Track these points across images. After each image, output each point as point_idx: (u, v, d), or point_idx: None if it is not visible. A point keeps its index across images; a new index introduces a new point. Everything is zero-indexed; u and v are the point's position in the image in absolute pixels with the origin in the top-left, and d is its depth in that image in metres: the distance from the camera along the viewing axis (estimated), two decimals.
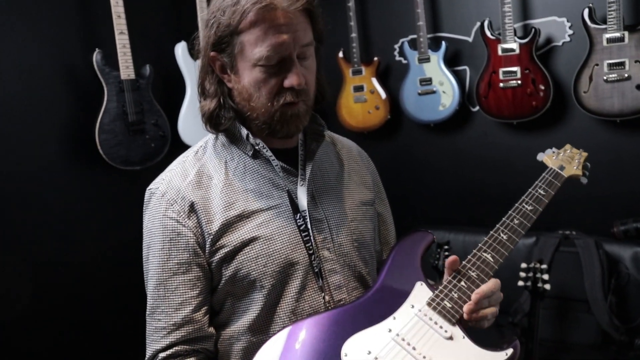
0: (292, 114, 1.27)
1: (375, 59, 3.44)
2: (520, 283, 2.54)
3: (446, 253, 2.93)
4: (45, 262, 2.61)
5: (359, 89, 3.46)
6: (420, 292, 1.30)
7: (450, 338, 1.21)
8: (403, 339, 1.21)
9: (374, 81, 3.44)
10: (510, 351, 1.21)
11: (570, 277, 2.72)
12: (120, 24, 2.68)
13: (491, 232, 1.40)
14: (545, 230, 2.87)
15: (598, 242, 2.72)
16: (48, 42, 2.64)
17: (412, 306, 1.27)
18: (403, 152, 3.56)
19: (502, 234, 1.40)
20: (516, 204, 1.49)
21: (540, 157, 1.72)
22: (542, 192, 1.53)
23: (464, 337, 1.22)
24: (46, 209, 2.62)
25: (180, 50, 2.97)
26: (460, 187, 3.40)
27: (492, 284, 1.28)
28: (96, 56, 2.65)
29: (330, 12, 3.69)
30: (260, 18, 1.20)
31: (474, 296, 1.24)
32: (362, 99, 3.46)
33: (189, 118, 2.93)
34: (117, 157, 2.68)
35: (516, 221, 1.43)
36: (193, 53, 1.37)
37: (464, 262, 1.34)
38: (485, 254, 1.35)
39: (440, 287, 1.29)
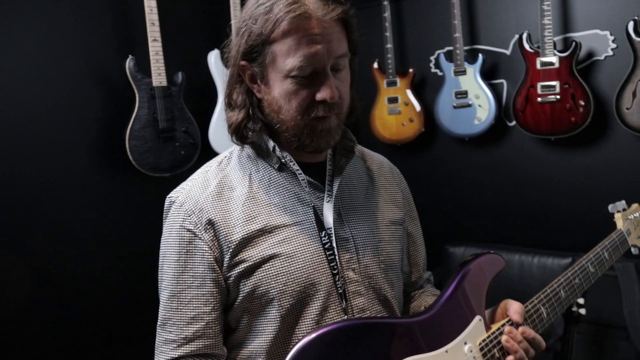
0: (323, 129, 1.22)
1: (411, 70, 3.39)
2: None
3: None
4: (71, 266, 2.61)
5: (393, 100, 3.41)
6: (476, 330, 1.24)
7: None
8: None
9: (409, 93, 3.38)
10: None
11: (608, 302, 2.61)
12: (153, 31, 2.68)
13: (553, 284, 1.35)
14: (582, 252, 2.76)
15: (638, 266, 2.61)
16: (82, 48, 2.65)
17: (465, 343, 1.21)
18: (436, 166, 3.49)
19: (562, 291, 1.34)
20: (582, 261, 1.43)
21: (612, 209, 1.64)
22: (607, 255, 1.48)
23: None
24: (74, 212, 2.63)
25: (213, 58, 2.97)
26: (494, 204, 3.32)
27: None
28: (129, 63, 2.65)
29: (365, 22, 3.67)
30: (294, 27, 1.15)
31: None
32: (396, 111, 3.40)
33: (220, 126, 2.91)
34: (146, 164, 2.67)
35: (577, 280, 1.38)
36: (225, 61, 1.33)
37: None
38: (542, 308, 1.30)
39: (494, 331, 1.25)
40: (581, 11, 2.89)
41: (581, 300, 2.40)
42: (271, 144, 1.27)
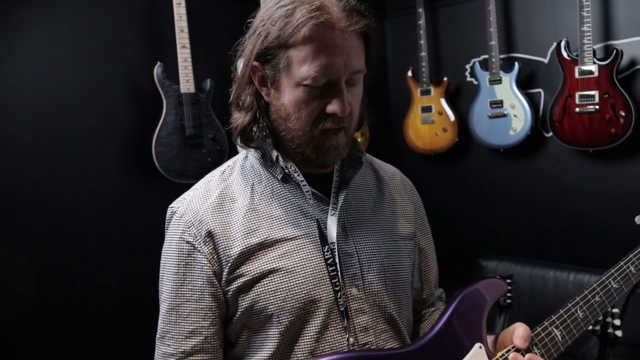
0: (331, 146, 1.18)
1: (445, 79, 3.32)
2: (589, 327, 2.33)
3: (508, 287, 2.75)
4: (94, 271, 2.63)
5: (427, 109, 3.34)
6: (477, 357, 1.17)
7: None
8: None
9: (443, 102, 3.31)
10: None
11: None
12: (182, 38, 2.68)
13: (568, 305, 1.25)
14: None
15: None
16: (112, 53, 2.67)
17: None
18: (470, 177, 3.40)
19: (579, 311, 1.24)
20: (603, 277, 1.31)
21: (638, 220, 1.52)
22: (633, 269, 1.35)
23: None
24: (99, 217, 2.64)
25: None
26: (529, 217, 3.21)
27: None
28: (157, 69, 2.65)
29: (400, 29, 3.62)
30: (314, 35, 1.11)
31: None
32: (429, 120, 3.33)
33: None
34: (172, 170, 2.66)
35: (597, 298, 1.27)
36: (234, 58, 1.29)
37: (532, 335, 1.20)
38: (555, 330, 1.21)
39: (497, 358, 1.17)
40: (623, 18, 2.77)
41: (617, 322, 2.29)
42: (274, 153, 1.23)
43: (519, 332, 1.19)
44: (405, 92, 3.42)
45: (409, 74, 3.40)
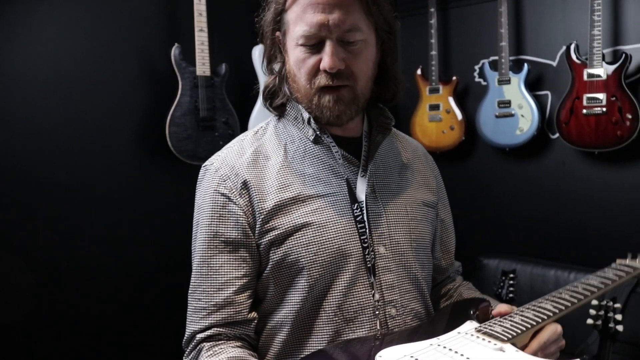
0: (330, 99, 1.20)
1: (454, 78, 3.36)
2: (590, 321, 2.36)
3: (511, 282, 2.78)
4: (105, 251, 2.64)
5: (434, 107, 3.38)
6: (469, 325, 1.22)
7: (501, 350, 1.10)
8: (445, 347, 1.12)
9: (451, 101, 3.35)
10: None
11: None
12: (200, 22, 2.72)
13: (552, 292, 1.33)
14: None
15: None
16: (130, 34, 2.70)
17: (459, 332, 1.18)
18: (476, 175, 3.44)
19: (564, 293, 1.32)
20: (582, 279, 1.41)
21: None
22: (611, 275, 1.45)
23: (517, 351, 1.11)
24: (110, 195, 2.66)
25: (258, 52, 2.99)
26: (532, 217, 3.24)
27: (550, 331, 1.20)
28: (174, 50, 2.68)
29: (411, 28, 3.66)
30: None
31: (534, 343, 1.16)
32: (437, 118, 3.37)
33: (260, 120, 2.92)
34: (184, 151, 2.69)
35: (581, 287, 1.35)
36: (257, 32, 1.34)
37: (519, 308, 1.26)
38: (543, 303, 1.27)
39: (491, 321, 1.21)
40: (633, 23, 2.83)
41: (619, 317, 2.32)
42: (306, 115, 1.27)
43: (499, 305, 1.26)
44: (413, 90, 3.46)
45: (419, 72, 3.44)
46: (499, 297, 2.75)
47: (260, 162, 1.27)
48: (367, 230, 1.24)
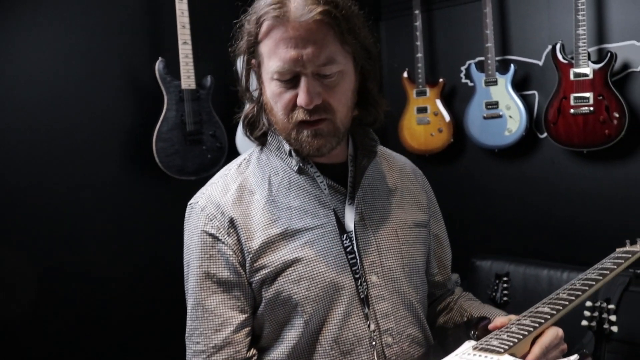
0: (309, 134, 1.17)
1: (441, 80, 3.35)
2: (584, 322, 2.37)
3: (504, 285, 2.78)
4: (92, 267, 2.61)
5: (422, 110, 3.37)
6: (468, 344, 1.19)
7: None
8: None
9: (438, 103, 3.35)
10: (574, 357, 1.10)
11: None
12: (184, 34, 2.69)
13: (549, 296, 1.29)
14: None
15: None
16: (114, 49, 2.67)
17: (456, 354, 1.16)
18: (465, 177, 3.44)
19: (561, 294, 1.27)
20: (580, 275, 1.37)
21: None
22: (609, 264, 1.40)
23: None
24: (98, 212, 2.63)
25: (239, 64, 2.96)
26: (523, 217, 3.25)
27: (551, 335, 1.16)
28: (158, 65, 2.65)
29: (396, 30, 3.65)
30: (272, 29, 1.13)
31: (535, 348, 1.13)
32: (425, 121, 3.37)
33: None
34: (172, 166, 2.66)
35: (578, 284, 1.30)
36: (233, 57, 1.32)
37: (517, 317, 1.23)
38: (540, 307, 1.23)
39: (489, 335, 1.18)
40: (617, 22, 2.83)
41: (613, 317, 2.33)
42: (287, 147, 1.25)
43: (497, 319, 1.22)
44: (400, 93, 3.45)
45: (405, 75, 3.43)
46: (494, 300, 2.76)
47: (246, 198, 1.25)
48: (358, 261, 1.23)
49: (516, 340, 1.12)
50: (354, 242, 1.24)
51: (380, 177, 1.38)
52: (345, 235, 1.24)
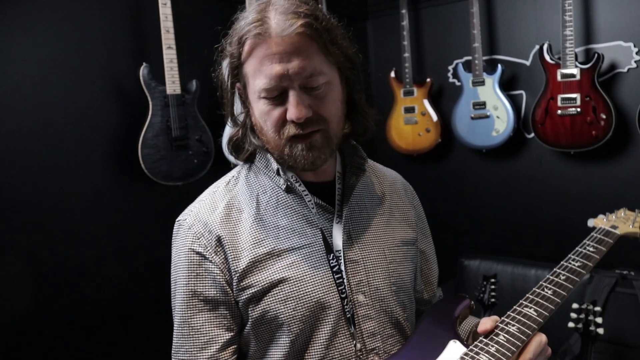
0: (303, 148, 1.17)
1: (428, 80, 3.35)
2: (571, 324, 2.39)
3: (492, 287, 2.79)
4: (79, 274, 2.59)
5: (410, 110, 3.37)
6: (454, 350, 1.19)
7: None
8: None
9: (426, 103, 3.34)
10: None
11: (627, 321, 2.54)
12: (168, 39, 2.65)
13: (533, 289, 1.27)
14: (601, 269, 2.69)
15: None
16: (97, 54, 2.62)
17: None
18: (453, 177, 3.44)
19: (546, 290, 1.25)
20: (562, 262, 1.34)
21: (590, 222, 1.59)
22: (591, 249, 1.38)
23: None
24: (84, 219, 2.59)
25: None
26: (511, 217, 3.26)
27: (535, 344, 1.15)
28: (143, 70, 2.62)
29: (383, 30, 3.63)
30: (255, 48, 1.12)
31: None
32: (412, 121, 3.36)
33: None
34: (159, 172, 2.64)
35: (562, 277, 1.28)
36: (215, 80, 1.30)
37: (502, 318, 1.20)
38: (526, 309, 1.21)
39: (476, 342, 1.17)
40: (604, 22, 2.83)
41: (599, 320, 2.35)
42: (275, 166, 1.24)
43: (483, 321, 1.21)
44: (388, 92, 3.44)
45: (392, 75, 3.41)
46: (481, 302, 2.77)
47: (234, 216, 1.25)
48: (345, 280, 1.23)
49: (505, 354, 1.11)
50: (341, 261, 1.23)
51: (369, 195, 1.37)
52: (332, 255, 1.23)
